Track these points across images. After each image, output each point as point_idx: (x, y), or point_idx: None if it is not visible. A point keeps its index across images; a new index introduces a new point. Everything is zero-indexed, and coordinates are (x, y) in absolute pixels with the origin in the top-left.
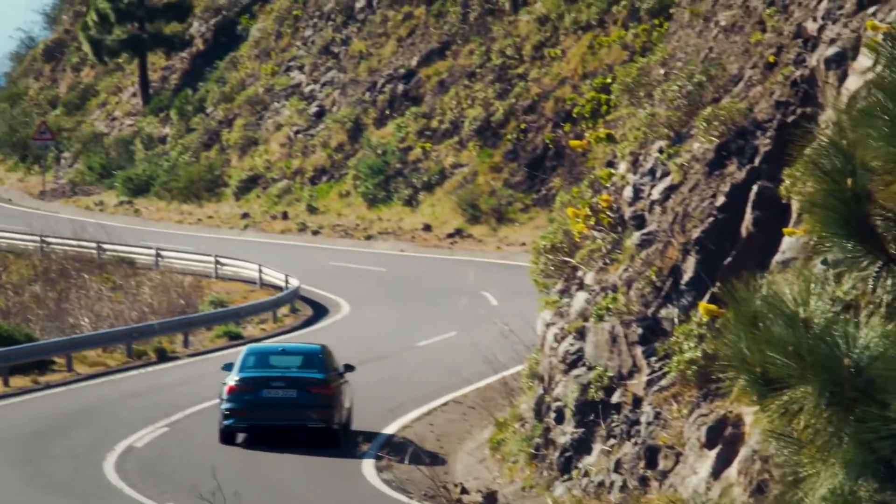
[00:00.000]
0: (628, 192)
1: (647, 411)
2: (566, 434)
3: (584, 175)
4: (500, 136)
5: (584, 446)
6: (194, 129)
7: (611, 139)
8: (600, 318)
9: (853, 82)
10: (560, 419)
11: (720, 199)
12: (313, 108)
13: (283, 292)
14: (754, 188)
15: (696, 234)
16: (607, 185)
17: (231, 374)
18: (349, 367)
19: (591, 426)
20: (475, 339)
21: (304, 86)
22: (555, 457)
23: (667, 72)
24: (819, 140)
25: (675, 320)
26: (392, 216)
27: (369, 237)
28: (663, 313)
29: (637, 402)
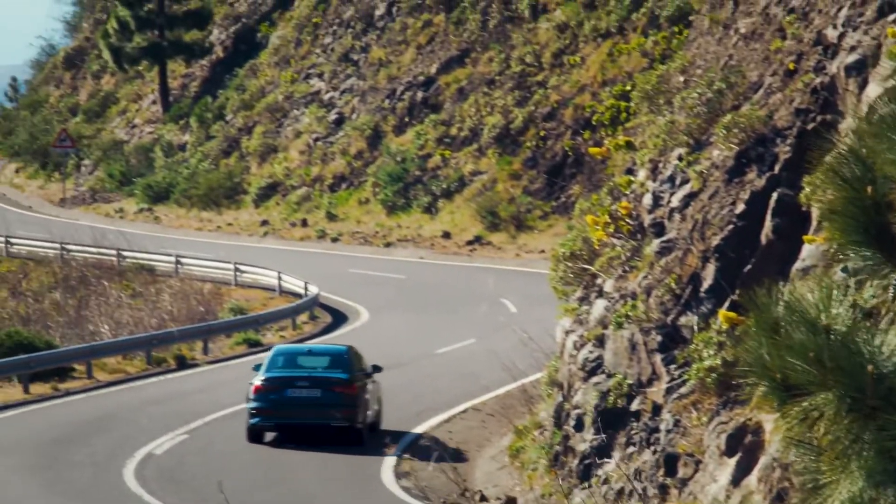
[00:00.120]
0: (648, 200)
1: (666, 419)
2: (585, 441)
3: (603, 182)
4: (520, 143)
5: (603, 454)
6: (214, 137)
7: (630, 146)
8: (620, 326)
9: (873, 90)
10: (579, 427)
11: (740, 207)
12: (333, 116)
13: (302, 299)
14: (774, 195)
15: (715, 241)
16: (627, 192)
17: (258, 374)
18: (377, 368)
19: (611, 434)
20: (494, 347)
21: (324, 93)
22: (574, 464)
23: (686, 79)
24: (839, 148)
25: (695, 328)
26: (411, 223)
27: (388, 244)
28: (683, 321)
29: (656, 409)
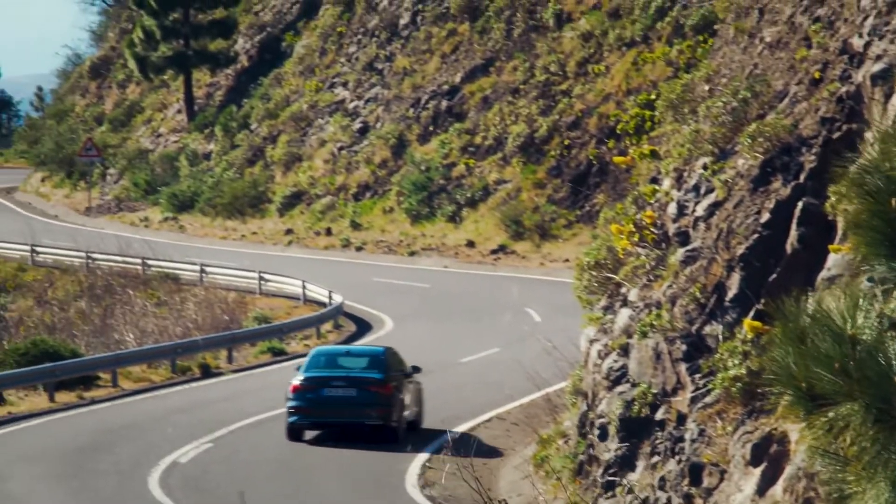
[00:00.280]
0: (672, 209)
1: (691, 428)
2: (610, 451)
3: (627, 191)
4: (544, 152)
5: (627, 463)
6: (238, 146)
7: (655, 155)
8: (644, 335)
9: None
10: (604, 436)
11: (765, 216)
12: (357, 125)
13: (326, 308)
14: (799, 205)
15: (740, 250)
16: (651, 201)
17: (297, 374)
18: (416, 369)
19: (635, 443)
20: (518, 356)
21: (348, 102)
22: (598, 474)
23: (711, 88)
24: (862, 160)
25: (720, 337)
26: (435, 232)
27: (413, 253)
28: (707, 330)
29: (681, 419)
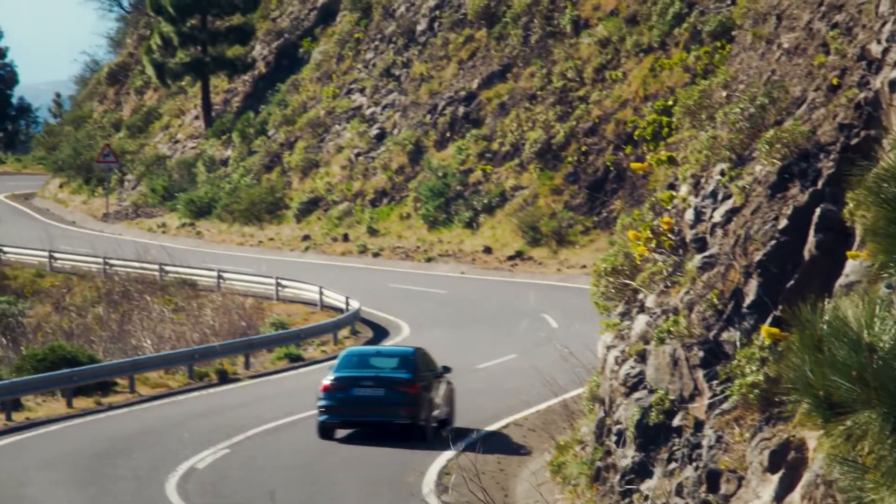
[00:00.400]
0: (690, 215)
1: (708, 435)
2: (627, 457)
3: (645, 197)
4: (561, 158)
5: (645, 470)
6: (256, 152)
7: (672, 161)
8: (661, 341)
9: None
10: (621, 442)
11: (782, 222)
12: (374, 131)
13: (343, 314)
14: (817, 211)
15: (758, 256)
16: (668, 207)
17: (328, 374)
18: (447, 369)
19: (653, 450)
20: (535, 362)
21: (365, 108)
22: (615, 480)
23: (729, 94)
24: (879, 167)
25: (737, 343)
26: (452, 238)
27: (430, 259)
28: (725, 336)
29: (698, 425)
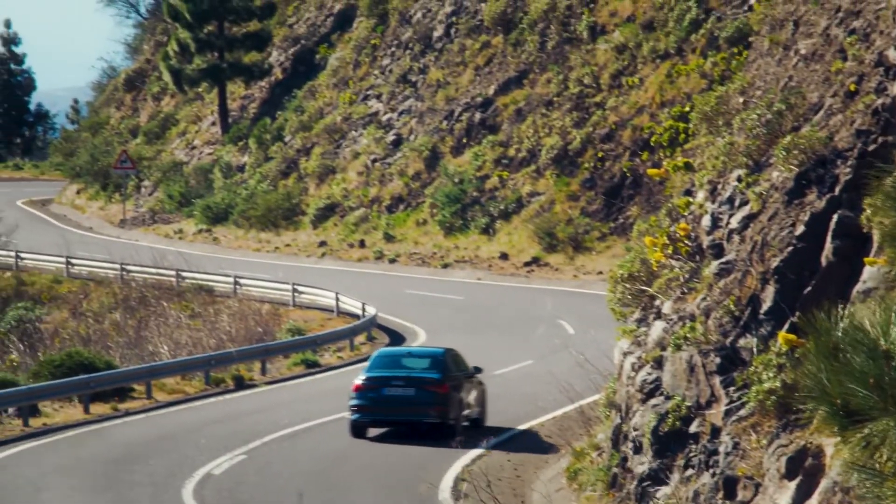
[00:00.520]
0: (706, 221)
1: (725, 441)
2: (643, 464)
3: (661, 204)
4: (578, 164)
5: (661, 476)
6: (272, 158)
7: (689, 168)
8: (678, 348)
9: None
10: (637, 449)
11: (799, 229)
12: (391, 137)
13: (360, 320)
14: (834, 217)
15: (775, 263)
16: (685, 213)
17: (360, 374)
18: (478, 370)
19: (669, 456)
20: (552, 368)
21: (382, 114)
22: (632, 486)
23: (746, 100)
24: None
25: (754, 350)
26: (469, 244)
27: (446, 265)
28: (742, 343)
29: (715, 432)
